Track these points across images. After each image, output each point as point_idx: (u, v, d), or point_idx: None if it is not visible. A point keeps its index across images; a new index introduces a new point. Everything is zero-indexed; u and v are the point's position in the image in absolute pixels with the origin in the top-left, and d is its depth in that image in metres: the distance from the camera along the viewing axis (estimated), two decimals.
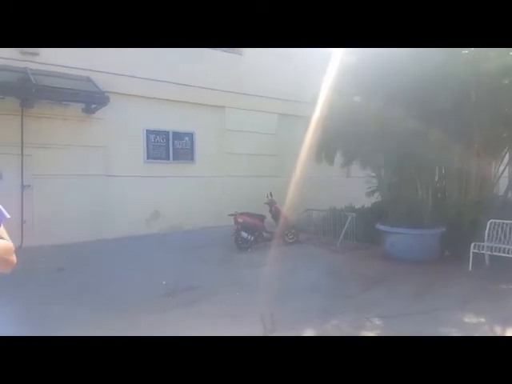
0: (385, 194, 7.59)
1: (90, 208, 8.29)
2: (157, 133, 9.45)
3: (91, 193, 8.37)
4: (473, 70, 5.86)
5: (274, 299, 4.55)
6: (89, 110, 8.21)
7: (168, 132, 9.59)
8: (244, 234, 7.44)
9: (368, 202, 8.40)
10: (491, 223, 6.07)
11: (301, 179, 10.16)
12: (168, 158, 9.64)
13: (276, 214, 8.16)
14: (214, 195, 9.88)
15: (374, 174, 8.03)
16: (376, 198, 8.11)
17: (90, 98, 7.88)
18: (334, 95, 7.74)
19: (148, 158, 9.34)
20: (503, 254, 5.72)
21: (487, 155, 7.11)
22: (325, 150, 8.28)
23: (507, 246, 5.74)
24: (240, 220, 7.55)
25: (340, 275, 5.84)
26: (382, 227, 6.75)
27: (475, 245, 5.91)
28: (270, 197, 8.31)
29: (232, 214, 7.65)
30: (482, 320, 4.14)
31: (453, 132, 5.96)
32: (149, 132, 9.34)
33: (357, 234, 7.44)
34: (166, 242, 8.24)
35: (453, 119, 5.91)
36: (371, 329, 3.85)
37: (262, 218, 7.86)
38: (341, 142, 7.62)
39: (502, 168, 7.55)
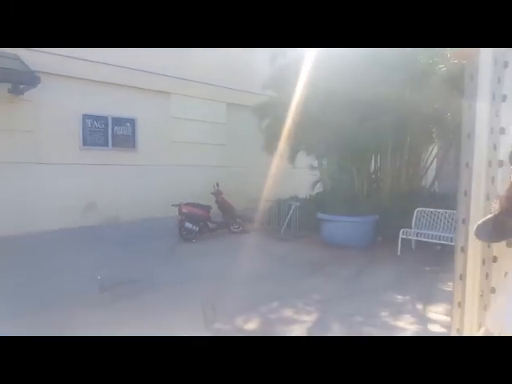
0: (326, 184, 8.19)
1: (18, 198, 7.90)
2: (95, 118, 9.17)
3: (19, 182, 7.96)
4: (407, 68, 6.55)
5: (216, 289, 4.76)
6: (16, 91, 7.76)
7: (107, 117, 9.35)
8: (188, 225, 7.60)
9: (312, 192, 8.98)
10: (418, 211, 6.89)
11: (249, 169, 10.55)
12: (107, 145, 9.41)
13: (222, 205, 8.40)
14: (157, 185, 9.86)
15: (316, 165, 8.61)
16: (319, 188, 8.71)
17: (17, 78, 7.46)
18: (281, 86, 8.15)
19: (84, 145, 9.05)
20: (428, 240, 6.55)
21: (417, 149, 7.98)
22: (273, 140, 8.69)
23: (431, 232, 6.57)
24: (184, 210, 7.69)
25: (282, 263, 6.26)
26: (322, 216, 7.32)
27: (403, 231, 6.69)
28: (216, 187, 8.52)
29: (176, 205, 7.75)
30: (408, 298, 4.75)
31: (387, 127, 6.64)
32: (86, 117, 9.03)
33: (300, 223, 7.96)
34: (103, 234, 8.07)
35: (387, 115, 6.57)
36: (309, 312, 4.22)
37: (207, 208, 8.07)
38: (286, 132, 8.06)
39: (429, 161, 8.50)
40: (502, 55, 1.00)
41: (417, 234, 6.67)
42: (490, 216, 0.78)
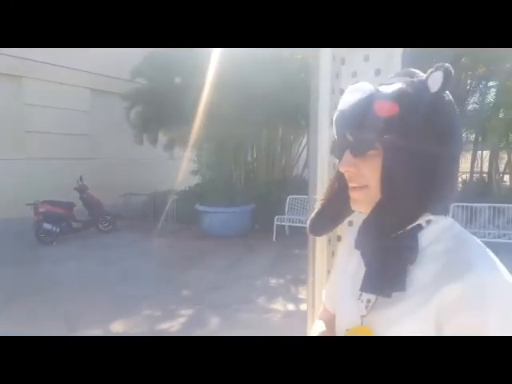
0: (204, 175, 8.16)
1: None
2: None
3: None
4: (282, 68, 6.88)
5: (81, 295, 4.41)
6: None
7: None
8: (47, 226, 6.72)
9: (191, 183, 8.84)
10: (290, 198, 7.38)
11: (118, 161, 9.81)
12: None
13: (88, 201, 7.66)
14: (7, 181, 8.45)
15: (195, 156, 8.49)
16: (198, 179, 8.63)
17: None
18: (155, 74, 7.76)
19: None
20: (300, 225, 7.07)
21: (288, 140, 8.52)
22: (146, 130, 8.24)
23: (303, 218, 7.12)
24: (42, 210, 6.77)
25: (158, 260, 6.03)
26: (200, 207, 7.27)
27: (278, 218, 7.10)
28: (79, 182, 7.71)
29: (31, 204, 6.77)
30: (282, 281, 5.07)
31: (261, 118, 6.90)
32: None
33: (178, 216, 7.78)
34: None
35: (261, 107, 6.82)
36: (187, 307, 4.16)
37: (70, 205, 7.26)
38: (163, 122, 7.73)
39: (300, 151, 9.19)
40: (339, 52, 1.07)
41: (290, 219, 7.14)
42: (317, 208, 0.79)
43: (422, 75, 0.66)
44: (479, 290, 0.57)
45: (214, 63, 6.55)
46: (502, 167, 8.49)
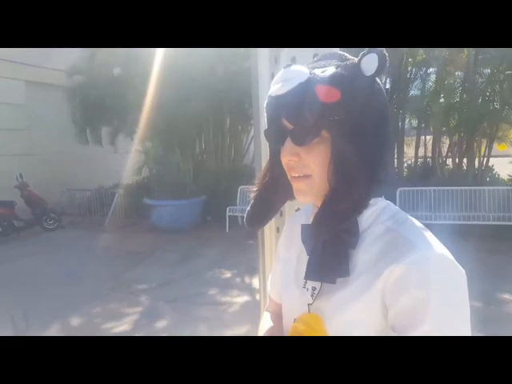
0: (152, 168, 8.18)
1: None
2: None
3: None
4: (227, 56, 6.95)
5: (28, 295, 4.39)
6: None
7: None
8: None
9: (138, 177, 8.82)
10: (241, 189, 7.58)
11: (60, 156, 9.57)
12: None
13: (30, 199, 7.50)
14: None
15: (141, 149, 8.47)
16: (145, 172, 8.63)
17: None
18: (94, 66, 7.62)
19: None
20: None
21: (237, 130, 8.69)
22: (88, 125, 8.11)
23: None
24: None
25: (107, 256, 6.06)
26: (149, 201, 7.32)
27: (230, 208, 7.30)
28: (19, 179, 7.52)
29: None
30: (235, 272, 5.22)
31: (208, 108, 7.02)
32: None
33: (126, 211, 7.78)
34: None
35: (206, 97, 6.92)
36: (137, 304, 4.24)
37: (10, 204, 7.08)
38: (105, 114, 7.64)
39: (249, 141, 9.38)
40: (275, 52, 1.12)
41: (242, 210, 7.34)
42: (251, 201, 0.80)
43: (353, 58, 0.66)
44: (422, 267, 0.58)
45: (157, 55, 6.57)
46: (444, 151, 9.08)
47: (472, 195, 6.63)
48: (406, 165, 9.33)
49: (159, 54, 6.59)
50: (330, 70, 0.63)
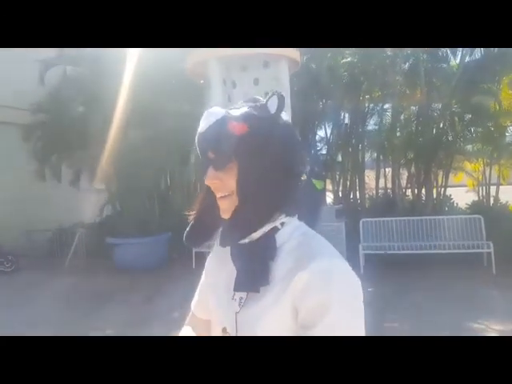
0: (115, 206, 8.11)
1: None
2: None
3: None
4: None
5: None
6: None
7: None
8: None
9: (101, 215, 8.67)
10: None
11: (16, 196, 9.27)
12: None
13: None
14: None
15: (104, 187, 8.41)
16: (107, 210, 8.51)
17: None
18: (55, 103, 7.63)
19: None
20: None
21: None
22: (48, 163, 8.00)
23: None
24: None
25: (68, 299, 5.87)
26: (112, 240, 7.21)
27: None
28: None
29: None
30: None
31: (173, 146, 7.10)
32: None
33: (88, 251, 7.60)
34: None
35: (170, 135, 7.03)
36: None
37: None
38: (67, 152, 7.59)
39: None
40: (229, 76, 1.23)
41: (208, 245, 7.29)
42: (190, 222, 0.89)
43: (263, 101, 0.81)
44: (322, 275, 0.72)
45: (119, 89, 6.66)
46: (403, 182, 9.51)
47: (431, 224, 6.89)
48: (367, 196, 9.68)
49: (123, 91, 6.68)
50: (243, 110, 0.78)
